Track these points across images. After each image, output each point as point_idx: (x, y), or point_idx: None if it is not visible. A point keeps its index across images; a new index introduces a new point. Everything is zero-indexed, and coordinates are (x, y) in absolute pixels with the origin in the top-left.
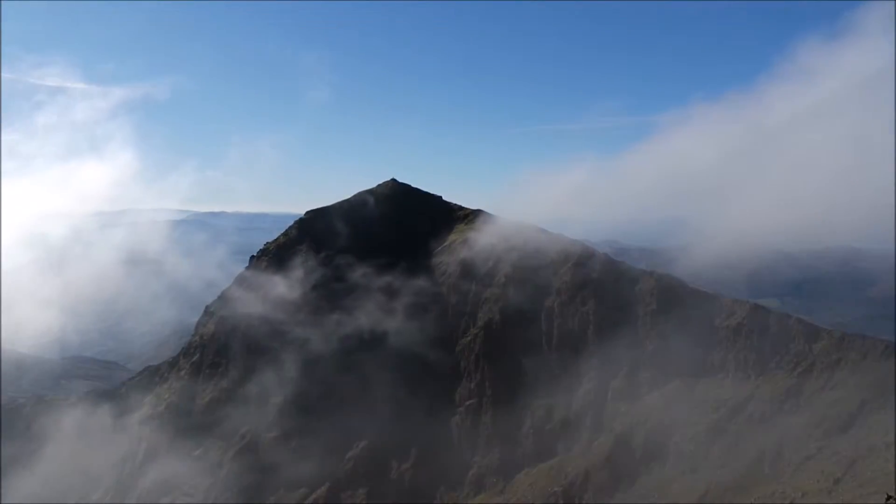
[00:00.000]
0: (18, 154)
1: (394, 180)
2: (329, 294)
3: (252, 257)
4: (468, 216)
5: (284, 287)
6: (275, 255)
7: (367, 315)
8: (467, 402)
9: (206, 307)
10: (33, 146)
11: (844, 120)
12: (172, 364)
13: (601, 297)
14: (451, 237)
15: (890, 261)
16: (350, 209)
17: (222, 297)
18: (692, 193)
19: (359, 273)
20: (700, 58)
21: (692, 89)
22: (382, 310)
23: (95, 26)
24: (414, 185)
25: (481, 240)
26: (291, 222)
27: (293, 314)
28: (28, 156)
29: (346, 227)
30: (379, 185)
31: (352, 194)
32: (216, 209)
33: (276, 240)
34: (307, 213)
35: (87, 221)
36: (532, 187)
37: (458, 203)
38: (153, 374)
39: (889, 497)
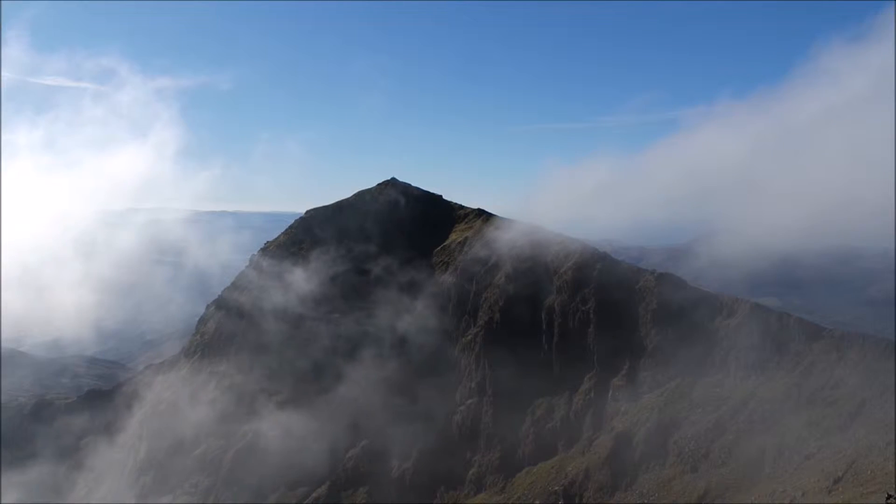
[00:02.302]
0: (56, 147)
1: (394, 179)
2: (328, 292)
3: (252, 256)
4: (468, 216)
5: (283, 285)
6: (275, 254)
7: (366, 314)
8: (468, 401)
9: (208, 305)
10: (65, 141)
11: (865, 122)
12: (173, 363)
13: (601, 296)
14: (452, 237)
15: (890, 260)
16: (350, 209)
17: (222, 295)
18: (706, 193)
19: (357, 273)
20: (730, 56)
21: (720, 87)
22: (382, 309)
23: (150, 23)
24: (415, 184)
25: (482, 239)
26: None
27: (290, 311)
28: (61, 149)
29: (345, 226)
30: (378, 185)
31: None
32: (229, 208)
33: (276, 239)
34: (307, 212)
35: (104, 218)
36: (548, 186)
37: (460, 203)
38: (154, 373)
39: (889, 496)
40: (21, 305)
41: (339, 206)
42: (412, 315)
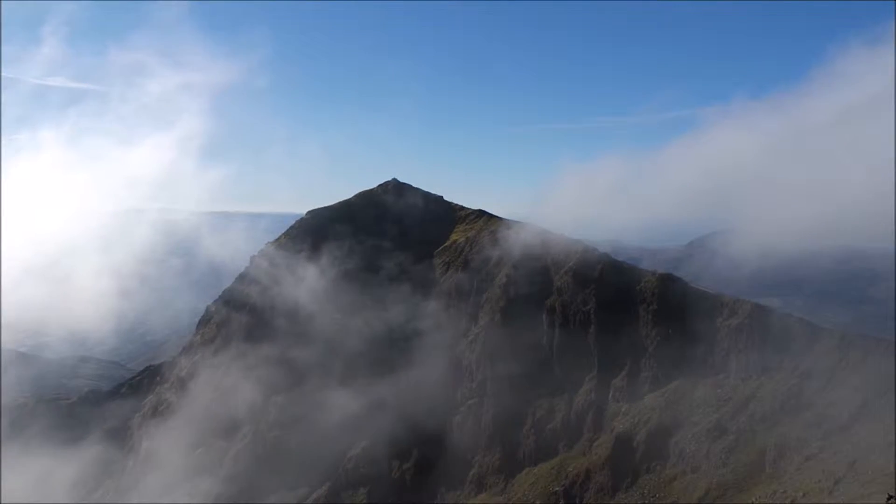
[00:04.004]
0: (74, 146)
1: (395, 180)
2: (327, 293)
3: (253, 257)
4: (469, 216)
5: (281, 287)
6: (275, 255)
7: (366, 314)
8: (469, 401)
9: (208, 307)
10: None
11: (877, 124)
12: (173, 364)
13: (602, 296)
14: (453, 237)
15: (890, 261)
16: (351, 209)
17: (224, 294)
18: (714, 193)
19: (357, 273)
20: (747, 56)
21: (736, 88)
22: (382, 310)
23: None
24: (417, 185)
25: (483, 240)
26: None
27: (288, 313)
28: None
29: (346, 226)
30: (379, 185)
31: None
32: (230, 209)
33: (276, 240)
34: (308, 213)
35: (112, 219)
36: (561, 185)
37: (462, 203)
38: (153, 374)
39: (890, 497)
40: (24, 305)
41: (341, 207)
42: (413, 315)
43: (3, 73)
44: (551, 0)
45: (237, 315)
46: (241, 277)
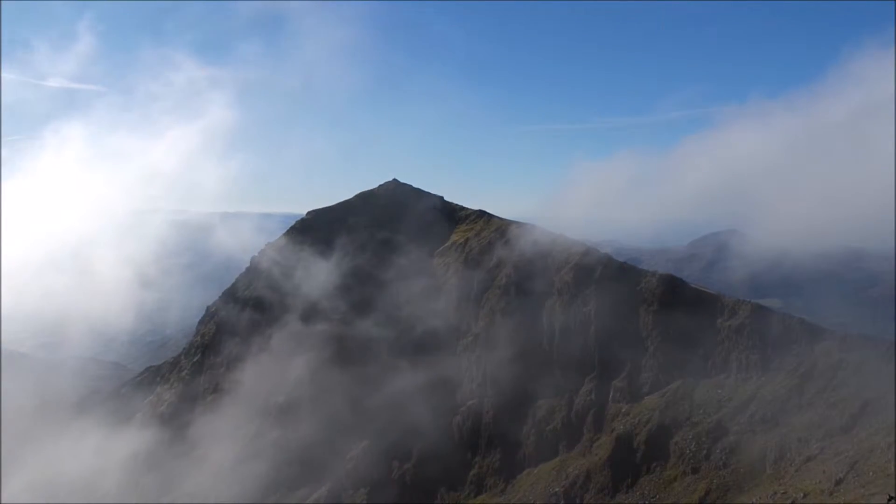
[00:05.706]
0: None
1: (395, 181)
2: (327, 294)
3: (253, 257)
4: (470, 217)
5: (280, 285)
6: (276, 256)
7: (366, 315)
8: (469, 402)
9: (208, 307)
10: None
11: (883, 126)
12: (174, 364)
13: (603, 297)
14: (453, 238)
15: (891, 261)
16: (351, 210)
17: (224, 295)
18: (716, 194)
19: (357, 274)
20: (760, 59)
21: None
22: (381, 310)
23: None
24: (417, 185)
25: (483, 240)
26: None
27: (287, 315)
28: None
29: (347, 227)
30: (380, 186)
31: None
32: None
33: (277, 240)
34: (308, 213)
35: (120, 219)
36: (575, 184)
37: (467, 204)
38: (154, 375)
39: (890, 497)
40: (25, 308)
41: (341, 208)
42: (412, 316)
43: (8, 75)
44: (565, 0)
45: (238, 311)
46: (242, 276)
